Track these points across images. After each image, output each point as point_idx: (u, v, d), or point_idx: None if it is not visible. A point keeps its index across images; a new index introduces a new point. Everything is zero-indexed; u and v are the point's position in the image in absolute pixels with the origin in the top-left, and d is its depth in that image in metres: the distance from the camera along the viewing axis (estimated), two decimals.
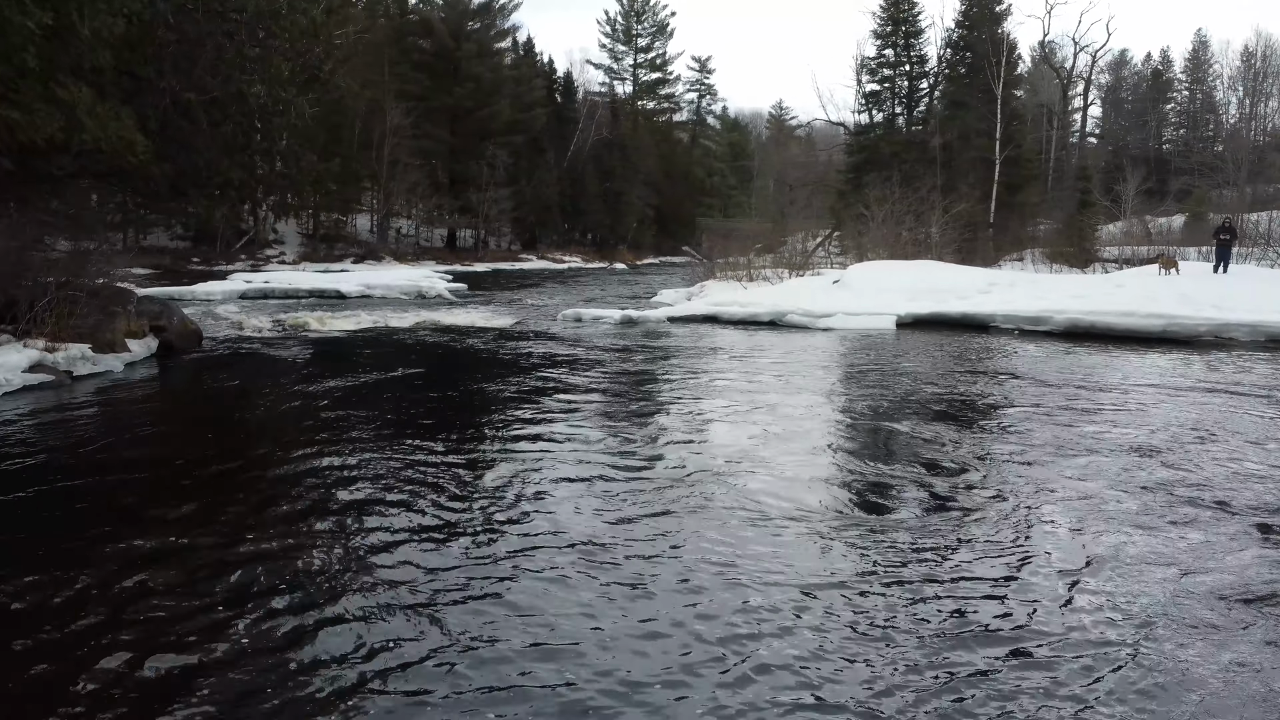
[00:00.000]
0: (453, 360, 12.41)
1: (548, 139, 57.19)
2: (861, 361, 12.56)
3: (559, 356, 12.54)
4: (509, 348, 13.63)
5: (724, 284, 25.94)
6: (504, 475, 6.19)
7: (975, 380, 10.92)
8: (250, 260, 39.87)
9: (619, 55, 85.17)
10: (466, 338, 14.98)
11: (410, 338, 14.98)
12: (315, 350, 13.06)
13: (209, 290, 22.43)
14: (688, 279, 33.18)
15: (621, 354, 12.83)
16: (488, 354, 12.93)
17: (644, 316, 16.67)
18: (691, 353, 13.11)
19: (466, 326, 16.86)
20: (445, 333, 15.78)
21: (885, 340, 15.05)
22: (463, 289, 29.46)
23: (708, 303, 17.77)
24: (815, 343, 14.62)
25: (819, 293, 18.97)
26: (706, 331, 15.82)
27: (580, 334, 15.24)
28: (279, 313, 19.11)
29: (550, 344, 14.00)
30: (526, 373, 11.08)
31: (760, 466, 6.56)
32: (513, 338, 15.00)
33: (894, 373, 11.50)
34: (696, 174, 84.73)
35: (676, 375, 11.02)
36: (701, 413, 8.62)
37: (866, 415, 8.68)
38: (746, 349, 13.77)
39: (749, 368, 11.69)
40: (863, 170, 34.93)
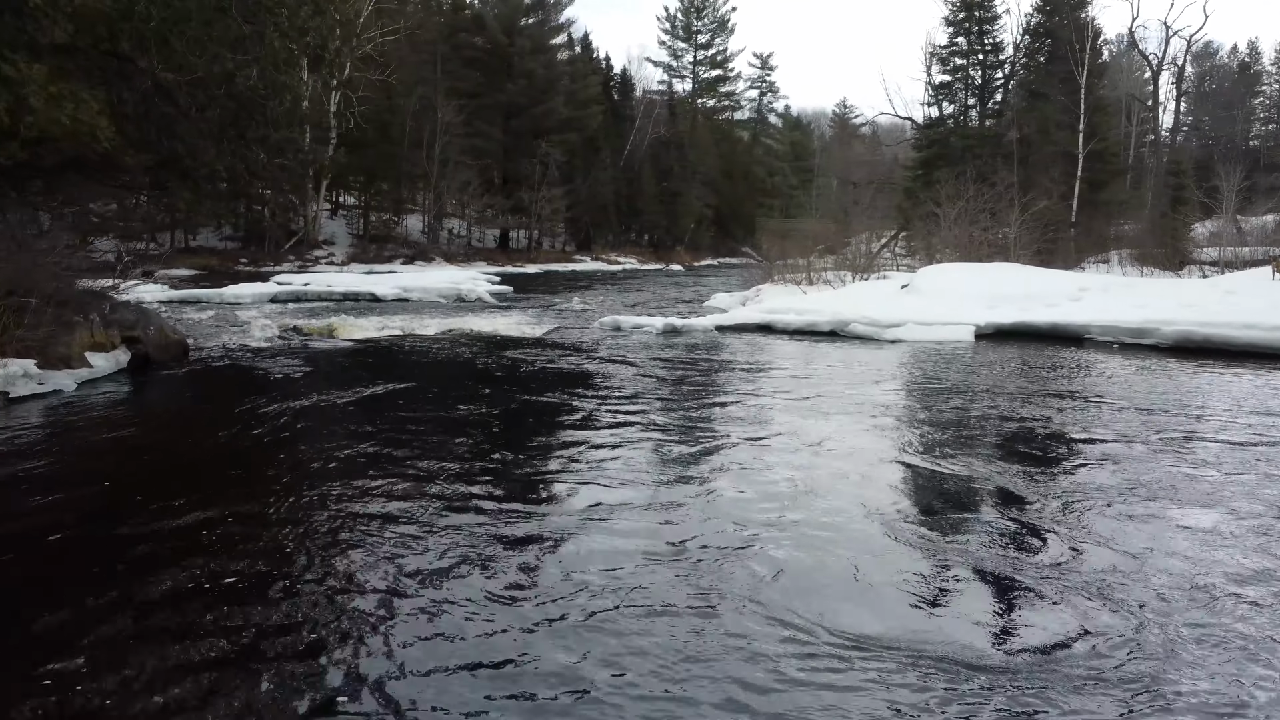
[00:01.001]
0: (465, 377, 10.94)
1: (603, 137, 55.84)
2: (935, 381, 10.75)
3: (586, 374, 10.97)
4: (533, 361, 12.13)
5: (782, 288, 24.16)
6: (509, 534, 4.64)
7: (1076, 407, 9.05)
8: (298, 261, 39.20)
9: (679, 52, 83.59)
10: (491, 348, 13.52)
11: (429, 347, 13.57)
12: (317, 362, 11.71)
13: (237, 293, 21.40)
14: (744, 282, 31.41)
15: (658, 371, 11.22)
16: (506, 369, 11.43)
17: (689, 326, 15.01)
18: (739, 371, 11.44)
19: (495, 335, 15.41)
20: (470, 342, 14.35)
21: (962, 355, 13.17)
22: (507, 292, 28.16)
23: (762, 310, 16.05)
24: (882, 358, 12.81)
25: (886, 299, 17.11)
26: (759, 343, 14.11)
27: (616, 345, 13.67)
28: (303, 318, 17.94)
29: (580, 357, 12.45)
30: (543, 395, 9.54)
31: (813, 523, 4.91)
32: (541, 348, 13.49)
33: (974, 394, 9.70)
34: (757, 173, 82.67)
35: (718, 401, 9.37)
36: (745, 451, 6.96)
37: (942, 451, 6.94)
38: (803, 365, 12.04)
39: (805, 388, 9.99)
40: (932, 166, 32.75)
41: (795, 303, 16.92)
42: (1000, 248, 25.06)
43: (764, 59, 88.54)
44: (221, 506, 5.30)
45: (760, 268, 30.23)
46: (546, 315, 19.80)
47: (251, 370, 10.70)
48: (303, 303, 21.96)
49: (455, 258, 44.63)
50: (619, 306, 23.69)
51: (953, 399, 9.54)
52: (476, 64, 47.82)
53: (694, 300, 27.23)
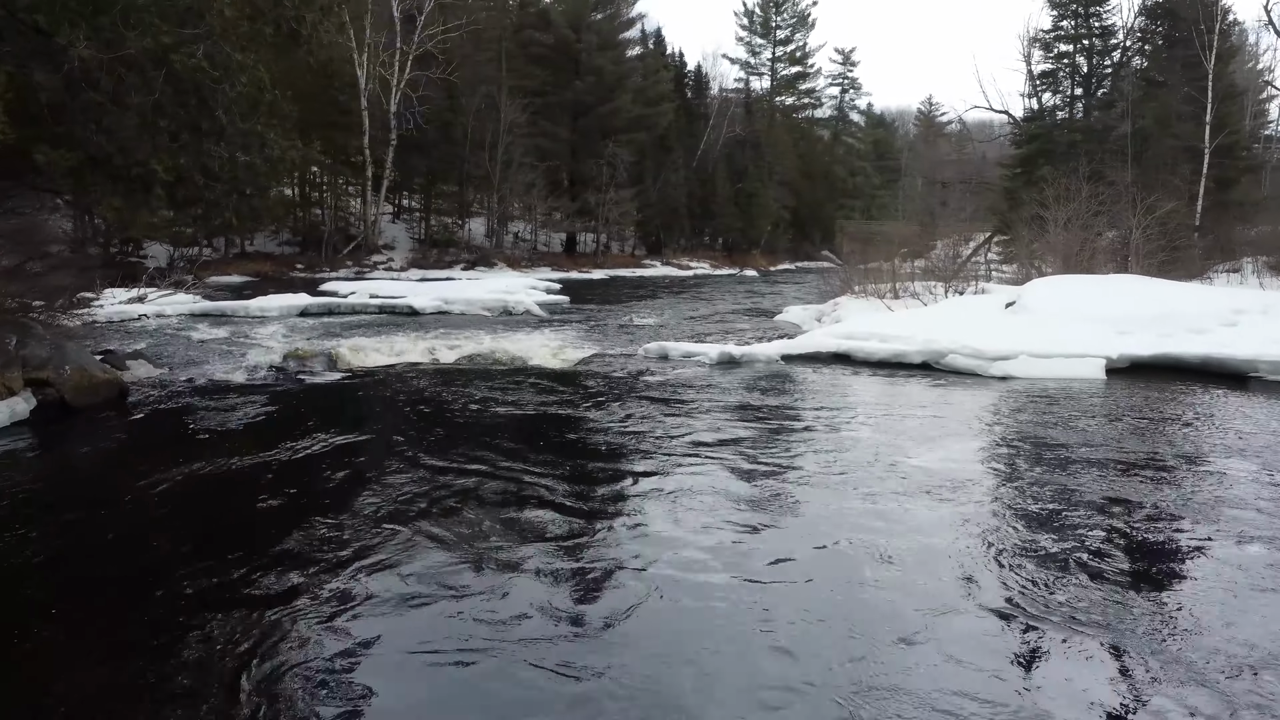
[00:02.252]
0: (459, 428, 8.72)
1: (675, 137, 53.43)
2: (1060, 444, 8.08)
3: (612, 426, 8.64)
4: (554, 401, 9.86)
5: (863, 302, 21.43)
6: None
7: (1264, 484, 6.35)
8: (355, 267, 37.90)
9: (756, 49, 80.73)
10: (510, 383, 11.30)
11: (438, 381, 11.43)
12: (289, 405, 9.65)
13: (264, 307, 19.72)
14: (821, 293, 28.67)
15: (702, 422, 8.82)
16: (514, 415, 9.19)
17: (749, 355, 12.50)
18: (807, 419, 8.96)
19: (523, 363, 13.20)
20: (489, 374, 12.16)
21: (1093, 398, 10.42)
22: (560, 303, 26.05)
23: (838, 334, 13.47)
24: (986, 402, 10.16)
25: (988, 320, 14.34)
26: (834, 380, 11.57)
27: (660, 380, 11.29)
28: (318, 337, 16.08)
29: (612, 399, 10.12)
30: (542, 462, 7.26)
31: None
32: (570, 384, 11.22)
33: (1118, 462, 7.07)
34: (837, 173, 79.22)
35: (778, 466, 6.94)
36: (810, 557, 4.56)
37: (1082, 559, 4.42)
38: (889, 412, 9.50)
39: (890, 450, 7.48)
40: (1033, 164, 29.49)
41: (879, 324, 14.27)
42: (1115, 256, 21.88)
43: (846, 55, 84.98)
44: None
45: (839, 276, 27.44)
46: (594, 334, 17.55)
47: (196, 419, 8.65)
48: (335, 317, 20.19)
49: (518, 262, 42.83)
50: (679, 321, 21.32)
51: (1084, 468, 6.91)
52: (542, 61, 45.92)
53: (764, 313, 24.68)
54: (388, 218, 45.73)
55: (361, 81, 37.93)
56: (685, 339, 16.50)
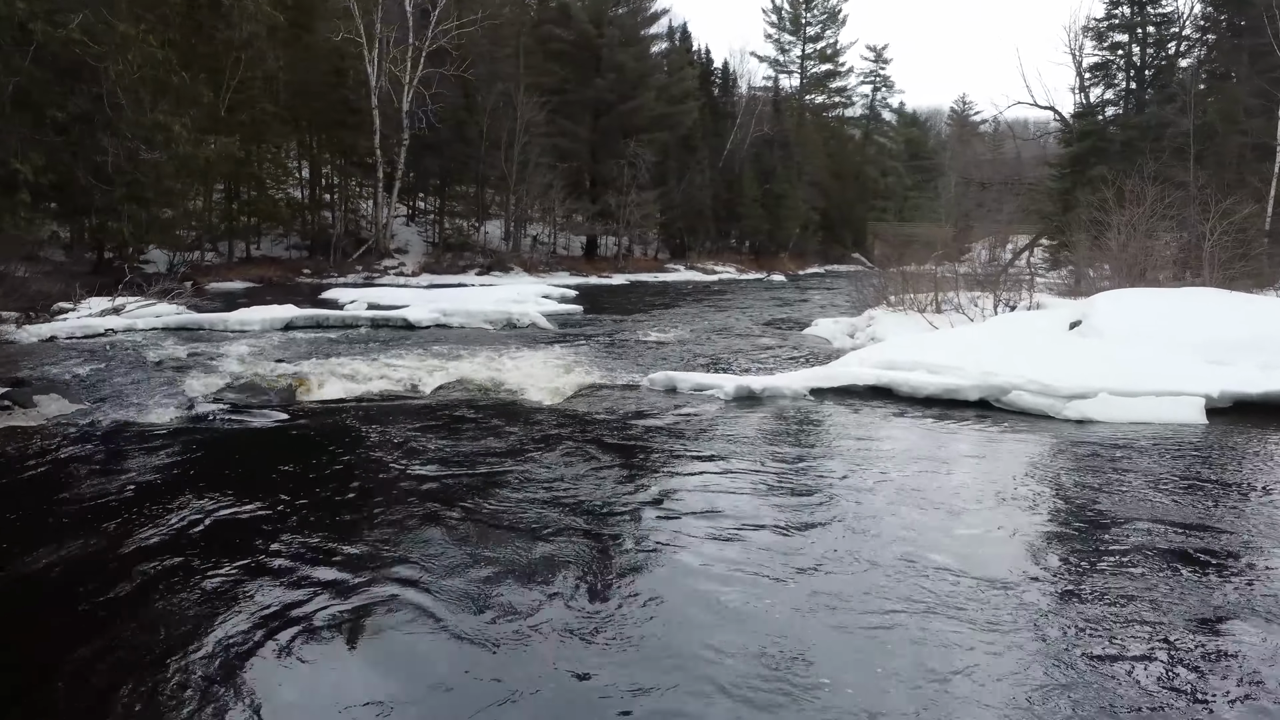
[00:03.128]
0: (406, 490, 6.91)
1: (700, 136, 51.53)
2: (1175, 513, 6.11)
3: (597, 486, 6.79)
4: (531, 451, 8.02)
5: (900, 316, 19.42)
6: None
7: None
8: (365, 271, 36.40)
9: (786, 46, 78.88)
10: (487, 423, 9.49)
11: (404, 421, 9.64)
12: (203, 458, 7.89)
13: (244, 320, 18.06)
14: (854, 303, 26.64)
15: (714, 481, 6.95)
16: (470, 475, 7.37)
17: (771, 388, 10.54)
18: (839, 483, 7.05)
19: (509, 394, 11.39)
20: (465, 410, 10.36)
21: (1199, 450, 8.40)
22: (573, 313, 24.28)
23: (877, 361, 11.49)
24: (1067, 455, 8.18)
25: (1052, 344, 12.31)
26: (873, 421, 9.63)
27: (664, 423, 9.42)
28: (293, 358, 14.37)
29: (605, 447, 8.26)
30: (503, 529, 5.41)
31: None
32: (559, 423, 9.37)
33: (1263, 558, 5.10)
34: (869, 174, 76.93)
35: (798, 568, 5.05)
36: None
37: None
38: (941, 469, 7.56)
39: (941, 535, 5.54)
40: (1084, 163, 27.26)
41: (923, 347, 12.28)
42: (1179, 264, 19.69)
43: (878, 51, 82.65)
44: None
45: (873, 284, 25.42)
46: (601, 353, 15.71)
47: (73, 484, 6.88)
48: (323, 331, 18.50)
49: (536, 267, 41.14)
50: (697, 335, 19.42)
51: (1223, 581, 4.94)
52: (561, 57, 44.20)
53: (792, 325, 22.73)
54: (401, 220, 44.23)
55: (372, 79, 36.39)
56: (700, 362, 14.61)
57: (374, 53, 36.34)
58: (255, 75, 32.24)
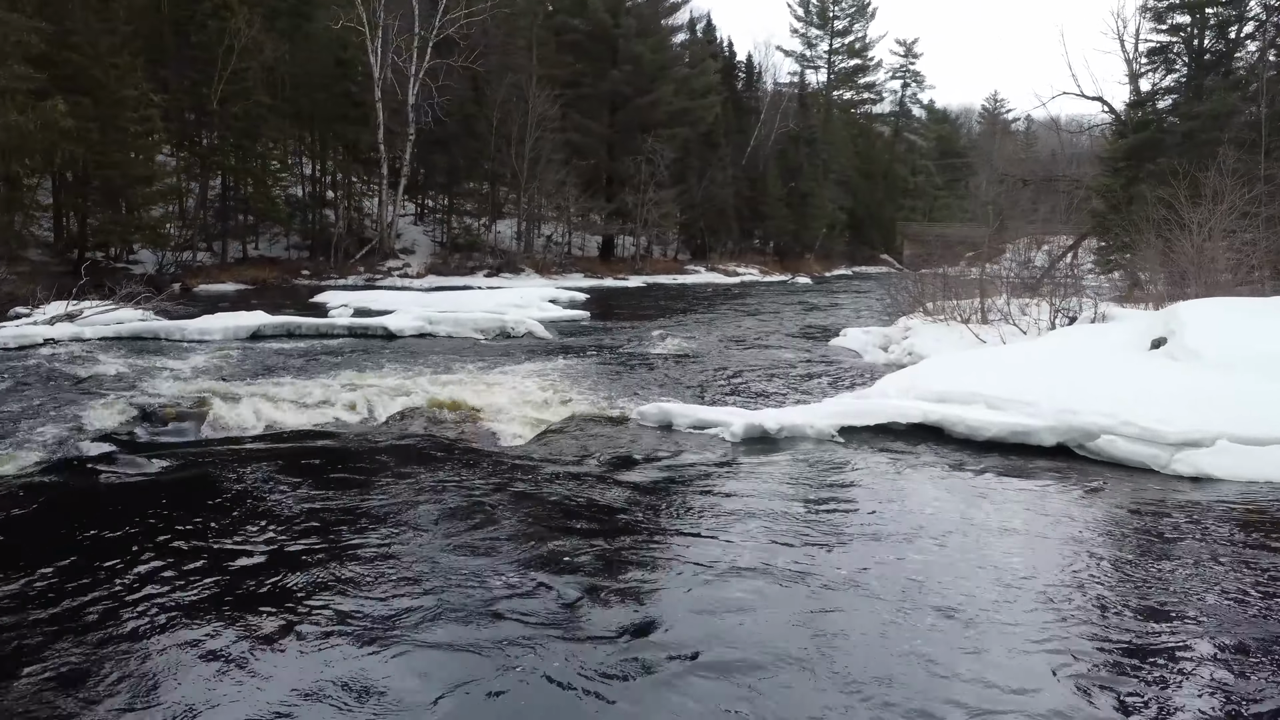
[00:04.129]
0: (257, 584, 4.86)
1: (723, 132, 49.27)
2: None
3: (538, 606, 4.71)
4: (471, 516, 5.95)
5: (941, 327, 17.19)
6: None
7: None
8: (367, 273, 34.56)
9: (813, 40, 76.31)
10: (430, 470, 7.45)
11: (320, 467, 7.61)
12: (42, 525, 5.89)
13: (205, 329, 16.15)
14: (887, 310, 24.41)
15: (710, 596, 4.84)
16: (379, 556, 5.30)
17: (790, 427, 8.30)
18: (878, 584, 4.90)
19: (471, 427, 9.35)
20: (415, 444, 8.34)
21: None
22: (580, 318, 22.24)
23: (923, 392, 9.29)
24: (1199, 543, 6.01)
25: (1134, 369, 10.07)
26: (922, 475, 7.46)
27: (649, 478, 7.30)
28: (240, 375, 12.45)
29: (566, 511, 6.19)
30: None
31: None
32: (518, 474, 7.29)
33: None
34: (898, 172, 74.25)
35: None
36: None
37: None
38: (1031, 576, 5.40)
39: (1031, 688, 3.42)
40: (1141, 156, 24.84)
41: (978, 373, 10.08)
42: (1245, 267, 17.30)
43: (908, 46, 79.87)
44: None
45: (907, 289, 23.17)
46: (595, 369, 13.64)
47: None
48: (292, 341, 16.56)
49: (548, 268, 39.14)
50: (711, 346, 17.30)
51: None
52: (576, 48, 42.14)
53: (817, 334, 20.54)
54: (409, 219, 42.40)
55: (375, 70, 34.53)
56: (710, 380, 12.47)
57: (377, 42, 34.48)
58: (249, 65, 30.46)
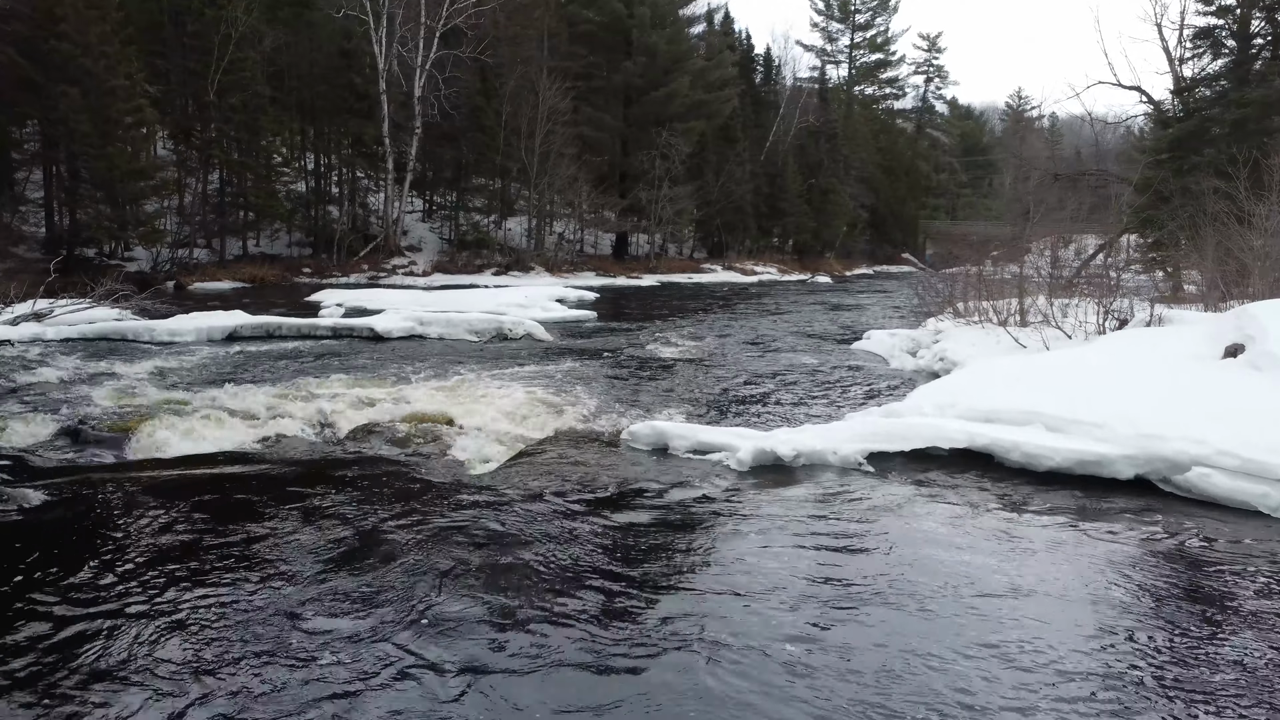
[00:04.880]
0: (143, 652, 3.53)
1: (740, 126, 47.82)
2: None
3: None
4: (389, 591, 4.63)
5: (976, 331, 15.72)
6: None
7: None
8: (371, 271, 33.42)
9: (834, 35, 74.75)
10: (373, 508, 6.13)
11: (250, 496, 6.32)
12: None
13: (176, 330, 14.97)
14: (914, 311, 22.92)
15: (701, 685, 3.48)
16: (275, 625, 3.97)
17: (809, 452, 6.89)
18: (927, 679, 3.53)
19: (439, 449, 8.06)
20: (370, 467, 7.04)
21: None
22: (586, 319, 20.97)
23: (965, 407, 7.89)
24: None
25: (1217, 382, 8.62)
26: (969, 515, 6.06)
27: (636, 519, 5.95)
28: (194, 380, 11.23)
29: (523, 577, 4.84)
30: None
31: None
32: (471, 515, 5.96)
33: None
34: (921, 169, 72.44)
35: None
36: None
37: None
38: (1122, 632, 4.03)
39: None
40: (1186, 147, 23.24)
41: (1030, 386, 8.65)
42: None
43: (932, 40, 78.01)
44: None
45: (936, 288, 21.73)
46: (596, 376, 12.30)
47: None
48: (272, 341, 15.35)
49: (559, 267, 37.83)
50: (724, 349, 15.93)
51: None
52: (588, 39, 40.84)
53: (839, 336, 19.11)
54: (416, 216, 41.23)
55: (380, 61, 33.34)
56: (719, 392, 11.10)
57: (381, 32, 33.31)
58: (247, 55, 29.35)
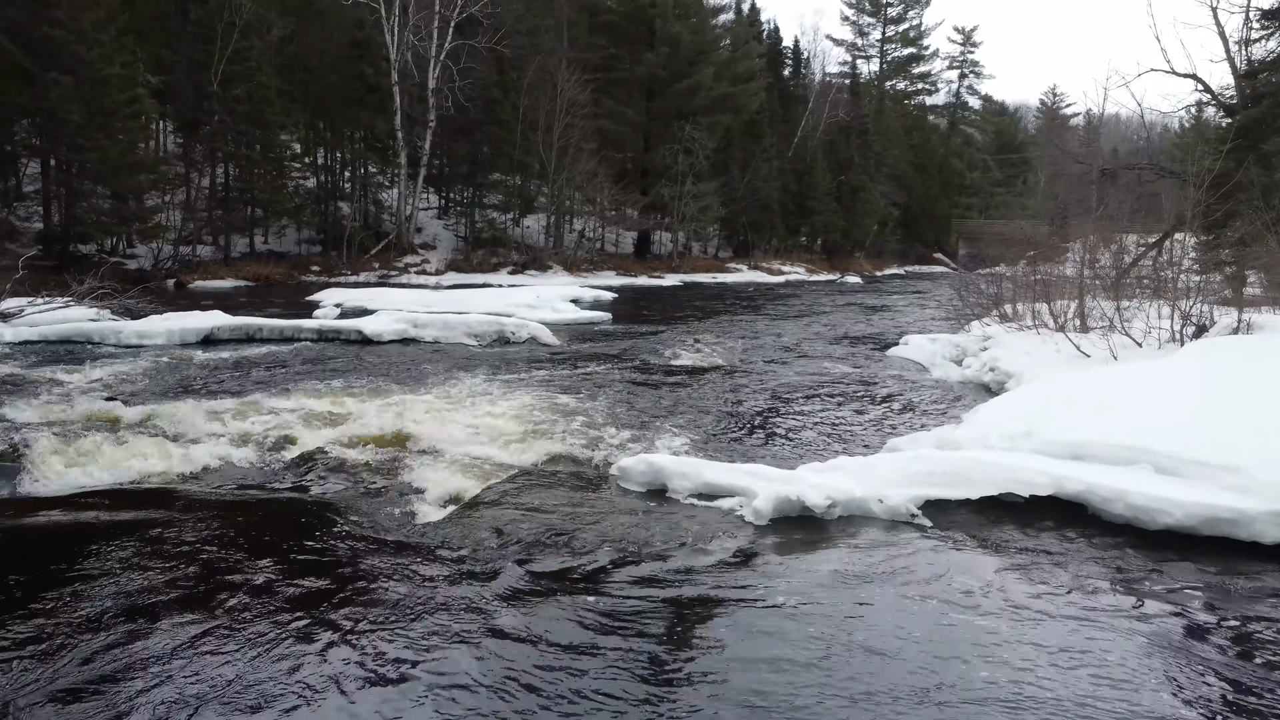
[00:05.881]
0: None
1: (767, 121, 46.10)
2: None
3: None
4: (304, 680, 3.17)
5: (1029, 336, 14.05)
6: None
7: None
8: (383, 269, 32.14)
9: (865, 29, 72.70)
10: (301, 559, 4.66)
11: (144, 547, 4.87)
12: None
13: (145, 332, 13.67)
14: (954, 310, 21.24)
15: None
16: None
17: (847, 501, 5.25)
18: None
19: (390, 481, 6.60)
20: (309, 503, 5.60)
21: None
22: (599, 320, 19.52)
23: (1045, 442, 6.29)
24: None
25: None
26: (1065, 598, 4.47)
27: (608, 603, 4.41)
28: (143, 390, 9.91)
29: (443, 664, 3.34)
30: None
31: None
32: (390, 579, 4.49)
33: None
34: (954, 166, 70.23)
35: None
36: None
37: None
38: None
39: None
40: (1254, 134, 21.34)
41: (1124, 410, 7.04)
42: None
43: (966, 34, 75.69)
44: None
45: (979, 289, 20.02)
46: (597, 388, 10.79)
47: None
48: (252, 345, 14.00)
49: (578, 266, 36.36)
50: (746, 353, 14.37)
51: None
52: (610, 30, 39.35)
53: (872, 340, 17.48)
54: (431, 213, 39.97)
55: (392, 52, 32.04)
56: (734, 408, 9.54)
57: (394, 21, 32.01)
58: (252, 45, 28.16)
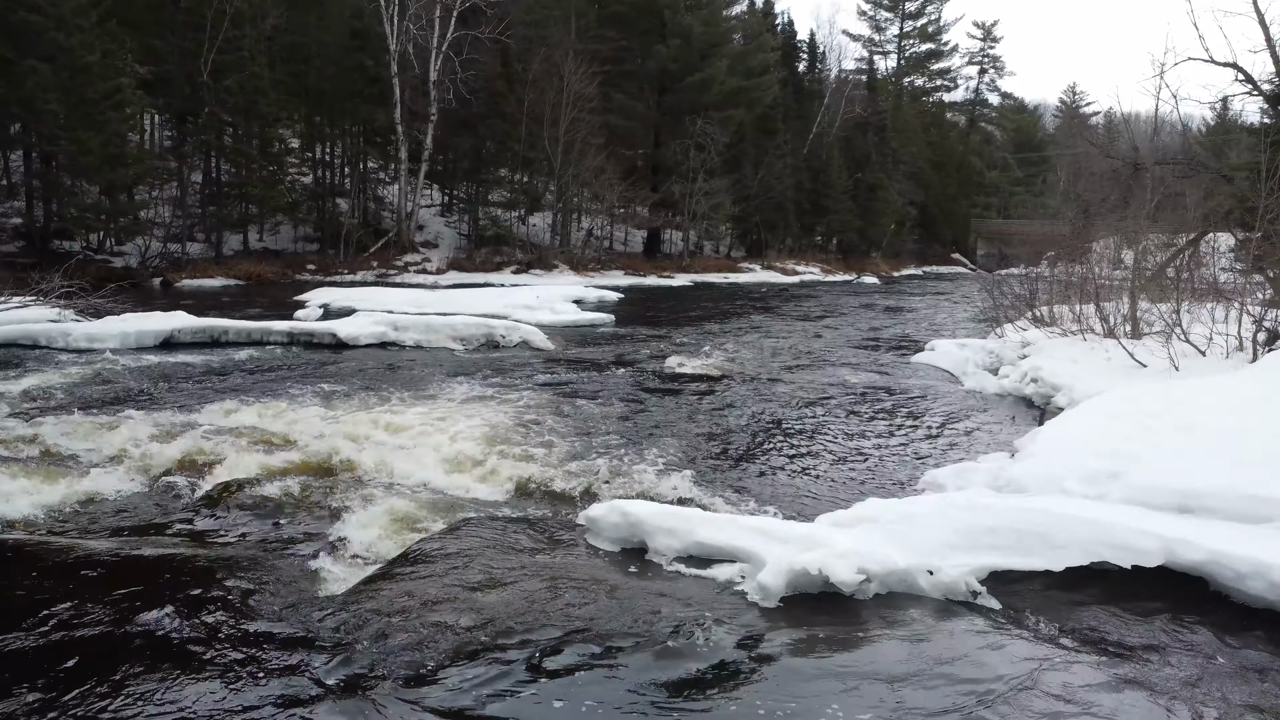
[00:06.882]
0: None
1: (782, 117, 44.69)
2: None
3: None
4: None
5: (1074, 343, 12.64)
6: None
7: None
8: (381, 268, 30.89)
9: (882, 24, 71.01)
10: (191, 635, 3.35)
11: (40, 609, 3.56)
12: None
13: (95, 334, 12.44)
14: (981, 312, 19.83)
15: None
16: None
17: (884, 572, 3.94)
18: None
19: (318, 528, 5.28)
20: (182, 561, 4.26)
21: None
22: (603, 323, 18.24)
23: (1142, 488, 4.95)
24: None
25: None
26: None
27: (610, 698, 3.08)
28: (66, 401, 8.68)
29: None
30: None
31: None
32: (279, 674, 3.20)
33: None
34: (973, 165, 68.51)
35: None
36: None
37: None
38: None
39: None
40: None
41: (1243, 447, 5.70)
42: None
43: (987, 29, 73.89)
44: None
45: (1010, 290, 18.60)
46: (586, 401, 9.47)
47: None
48: (216, 349, 12.78)
49: (585, 265, 35.06)
50: (753, 359, 13.03)
51: None
52: (619, 21, 38.02)
53: (894, 346, 16.11)
54: (434, 210, 38.77)
55: (392, 42, 30.81)
56: (739, 427, 8.19)
57: (394, 10, 30.77)
58: (245, 33, 26.98)
